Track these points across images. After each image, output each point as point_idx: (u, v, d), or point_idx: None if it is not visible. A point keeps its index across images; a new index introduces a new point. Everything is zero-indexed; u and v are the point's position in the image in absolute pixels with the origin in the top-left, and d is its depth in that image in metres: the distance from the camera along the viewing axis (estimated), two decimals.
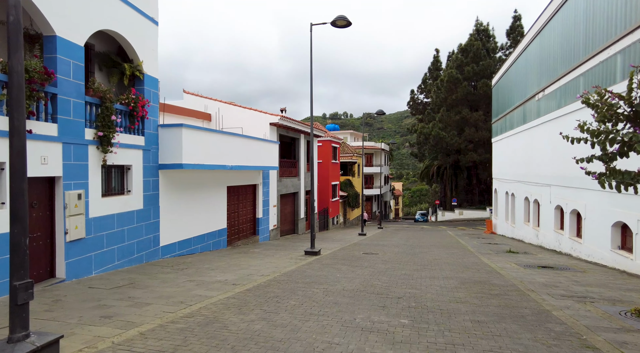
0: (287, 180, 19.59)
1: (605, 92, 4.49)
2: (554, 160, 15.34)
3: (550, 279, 8.43)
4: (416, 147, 54.83)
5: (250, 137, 14.34)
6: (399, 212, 74.63)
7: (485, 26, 48.11)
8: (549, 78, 16.07)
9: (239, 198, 15.19)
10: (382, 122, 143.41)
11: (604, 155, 4.72)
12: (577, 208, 13.09)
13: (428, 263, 10.88)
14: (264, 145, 15.34)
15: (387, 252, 13.82)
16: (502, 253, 13.82)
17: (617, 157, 4.59)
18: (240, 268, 9.32)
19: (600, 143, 4.55)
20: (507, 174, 23.92)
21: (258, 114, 17.59)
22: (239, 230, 15.29)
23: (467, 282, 8.06)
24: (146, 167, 10.01)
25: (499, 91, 26.82)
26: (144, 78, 9.96)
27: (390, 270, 9.45)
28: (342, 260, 11.14)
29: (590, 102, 4.63)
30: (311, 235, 12.47)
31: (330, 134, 29.25)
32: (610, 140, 4.43)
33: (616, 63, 10.56)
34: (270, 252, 13.04)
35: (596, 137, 4.56)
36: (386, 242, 18.39)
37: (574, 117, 13.23)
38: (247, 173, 15.40)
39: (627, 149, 4.35)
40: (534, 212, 18.18)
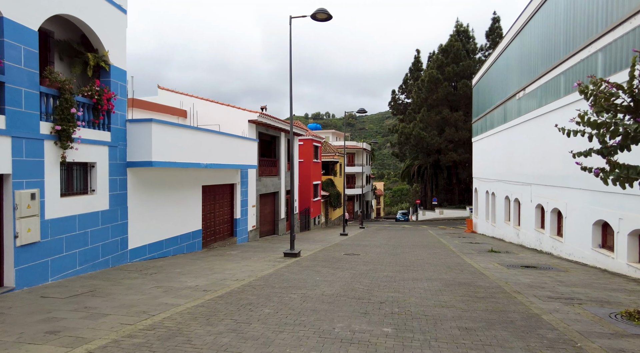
0: (267, 180, 19.05)
1: (601, 82, 4.19)
2: (535, 158, 15.34)
3: (535, 280, 8.23)
4: (397, 147, 55.04)
5: (227, 134, 13.75)
6: (380, 211, 74.87)
7: (465, 27, 48.67)
8: (529, 77, 16.08)
9: (215, 198, 14.57)
10: (364, 122, 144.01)
11: (603, 148, 4.41)
12: (557, 207, 13.06)
13: (410, 264, 10.57)
14: (241, 143, 14.76)
15: (368, 252, 13.48)
16: (484, 253, 13.69)
17: (618, 151, 4.28)
18: (214, 273, 8.77)
19: (600, 135, 4.24)
20: (487, 173, 24.02)
21: (236, 111, 16.99)
22: (216, 232, 14.67)
23: (451, 283, 7.76)
24: (113, 165, 9.33)
25: (479, 91, 26.96)
26: (110, 69, 9.27)
27: (372, 272, 9.08)
28: (323, 262, 10.72)
29: (588, 91, 4.30)
30: (291, 236, 12.01)
31: (311, 133, 28.81)
32: (612, 132, 4.12)
33: (597, 61, 10.51)
34: (247, 254, 12.50)
35: (597, 129, 4.24)
36: (368, 242, 18.09)
37: (555, 115, 13.21)
38: (224, 172, 14.79)
39: (631, 141, 4.03)
40: (515, 211, 18.22)
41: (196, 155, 11.62)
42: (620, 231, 9.30)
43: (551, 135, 13.68)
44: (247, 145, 15.27)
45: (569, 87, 12.18)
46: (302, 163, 27.48)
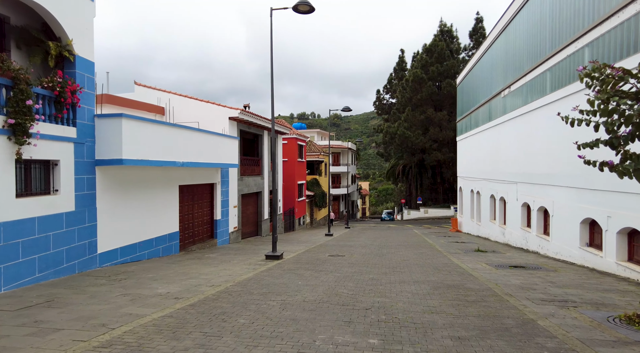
0: (250, 179, 18.46)
1: (605, 67, 3.83)
2: (521, 156, 15.21)
3: (525, 281, 7.94)
4: (382, 146, 54.99)
5: (206, 131, 13.14)
6: (366, 211, 74.83)
7: (449, 27, 48.91)
8: (515, 74, 15.96)
9: (194, 198, 13.93)
10: (349, 122, 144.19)
11: (613, 138, 4.05)
12: (544, 205, 12.91)
13: (397, 265, 10.20)
14: (222, 141, 14.16)
15: (354, 253, 13.07)
16: (471, 253, 13.44)
17: (629, 141, 3.92)
18: (189, 278, 8.19)
19: (609, 124, 3.87)
20: (472, 172, 23.96)
21: (217, 108, 16.36)
22: (194, 234, 14.03)
23: (440, 286, 7.39)
24: (79, 163, 8.66)
25: (463, 90, 26.92)
26: (76, 60, 8.59)
27: (357, 275, 8.66)
28: (306, 265, 10.24)
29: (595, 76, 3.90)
30: (273, 237, 11.49)
31: (296, 132, 28.29)
32: (626, 119, 3.75)
33: (584, 56, 10.34)
34: (227, 257, 11.92)
35: (609, 116, 3.87)
36: (353, 242, 17.70)
37: (541, 112, 13.06)
38: (203, 171, 14.17)
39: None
40: (500, 209, 18.11)
41: (172, 153, 11.00)
42: (609, 229, 9.12)
43: (537, 133, 13.54)
44: (228, 143, 14.68)
45: (555, 83, 12.03)
46: (287, 162, 26.94)
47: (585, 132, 4.86)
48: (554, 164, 12.09)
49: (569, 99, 11.07)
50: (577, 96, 10.51)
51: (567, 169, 11.18)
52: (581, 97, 10.34)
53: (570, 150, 11.32)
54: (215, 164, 13.58)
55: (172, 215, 12.41)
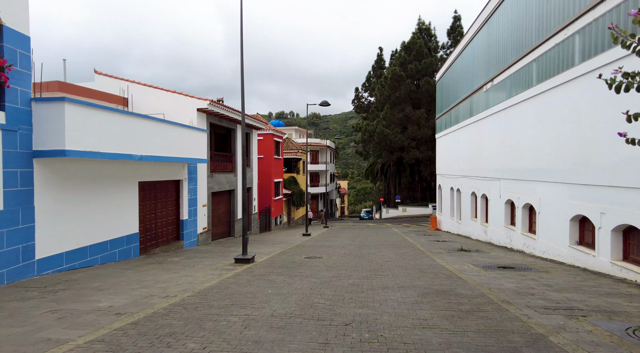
0: (221, 176, 17.27)
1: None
2: (504, 152, 14.70)
3: (519, 284, 7.22)
4: (361, 145, 54.46)
5: (170, 121, 11.92)
6: (345, 210, 74.32)
7: (427, 25, 48.80)
8: (498, 67, 15.45)
9: (156, 196, 12.68)
10: (327, 122, 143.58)
11: None
12: (529, 202, 12.38)
13: (378, 268, 9.35)
14: (188, 133, 12.96)
15: (332, 254, 12.17)
16: (454, 252, 12.79)
17: None
18: (142, 287, 7.07)
19: None
20: (452, 169, 23.52)
21: (184, 99, 15.11)
22: (158, 235, 12.78)
23: (428, 292, 6.57)
24: (10, 154, 7.37)
25: (443, 86, 26.50)
26: (3, 31, 7.29)
27: (335, 280, 7.74)
28: (279, 269, 9.25)
29: None
30: (243, 239, 10.43)
31: (272, 128, 27.19)
32: None
33: (574, 44, 9.78)
34: (193, 260, 10.79)
35: None
36: (332, 242, 16.82)
37: (527, 105, 12.52)
38: (167, 166, 12.93)
39: None
40: (482, 207, 17.63)
41: (129, 145, 9.77)
42: (603, 227, 8.55)
43: (523, 127, 13.01)
44: (195, 136, 13.48)
45: (543, 74, 11.49)
46: (262, 159, 25.80)
47: (581, 122, 4.07)
48: (541, 158, 11.56)
49: (558, 90, 10.52)
50: (569, 86, 9.96)
51: (556, 164, 10.64)
52: (573, 86, 9.79)
53: (560, 144, 10.81)
54: (180, 159, 12.38)
55: (131, 215, 11.15)
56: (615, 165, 8.11)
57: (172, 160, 11.87)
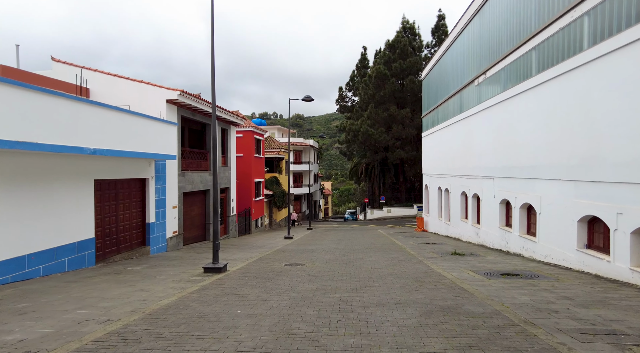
0: (194, 175, 15.84)
1: None
2: (499, 148, 13.80)
3: (534, 297, 6.18)
4: (345, 145, 53.51)
5: (132, 112, 10.49)
6: (328, 211, 73.28)
7: (411, 24, 48.26)
8: (491, 59, 14.56)
9: (117, 196, 11.22)
10: (311, 123, 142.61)
11: None
12: (529, 201, 11.47)
13: (368, 277, 8.20)
14: (154, 126, 11.54)
15: (316, 260, 10.97)
16: (448, 256, 11.78)
17: None
18: (81, 307, 5.70)
19: None
20: (440, 168, 22.66)
21: (152, 89, 13.65)
22: (119, 241, 11.31)
23: (432, 310, 5.44)
24: None
25: (430, 83, 25.68)
26: None
27: (319, 294, 6.54)
28: (254, 280, 7.99)
29: None
30: (213, 245, 9.10)
31: (252, 125, 25.79)
32: None
33: (582, 27, 8.87)
34: (156, 269, 9.40)
35: None
36: (316, 245, 15.61)
37: (526, 97, 11.61)
38: (129, 162, 11.47)
39: None
40: (474, 207, 16.75)
41: (78, 137, 8.34)
42: (619, 228, 7.62)
43: (520, 121, 12.11)
44: (163, 130, 12.06)
45: (544, 63, 10.58)
46: (242, 158, 24.38)
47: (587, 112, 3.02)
48: (542, 154, 10.65)
49: (563, 79, 9.61)
50: (577, 73, 9.04)
51: (560, 160, 9.73)
52: (582, 72, 8.85)
53: (565, 137, 9.88)
54: (144, 154, 10.95)
55: (85, 218, 9.68)
56: (635, 159, 7.19)
57: (134, 155, 10.44)
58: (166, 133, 12.24)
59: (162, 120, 12.03)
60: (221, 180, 18.68)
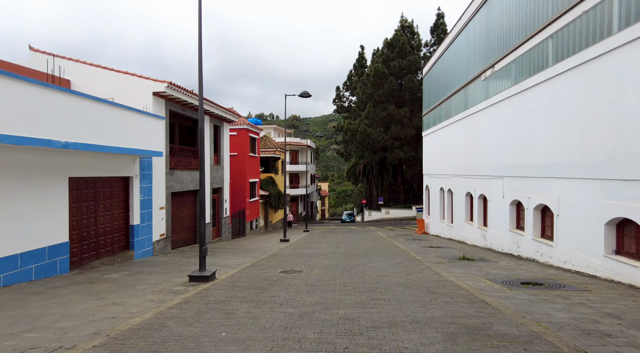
0: (184, 174, 14.85)
1: None
2: (509, 146, 12.94)
3: (572, 313, 5.28)
4: (342, 145, 52.61)
5: (111, 102, 9.50)
6: (325, 212, 72.37)
7: (410, 23, 47.50)
8: (499, 51, 13.72)
9: (97, 196, 10.23)
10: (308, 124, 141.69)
11: None
12: (544, 202, 10.60)
13: (374, 286, 7.28)
14: (138, 120, 10.57)
15: (314, 266, 10.04)
16: (456, 262, 10.88)
17: None
18: (31, 329, 4.73)
19: None
20: (442, 168, 21.81)
21: (137, 80, 12.67)
22: (98, 245, 10.31)
23: (457, 332, 4.52)
24: None
25: (431, 80, 24.85)
26: None
27: (320, 309, 5.61)
28: (245, 291, 7.04)
29: None
30: (200, 251, 8.14)
31: (247, 122, 24.82)
32: None
33: (611, 9, 8.01)
34: (136, 277, 8.42)
35: None
36: (313, 249, 14.68)
37: (540, 90, 10.76)
38: (109, 158, 10.48)
39: None
40: (480, 209, 15.88)
41: (47, 128, 7.37)
42: None
43: (534, 116, 11.25)
44: (148, 124, 11.08)
45: (563, 51, 9.73)
46: (236, 157, 23.41)
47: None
48: (560, 150, 9.79)
49: (585, 67, 8.75)
50: (603, 60, 8.18)
51: (583, 156, 8.86)
52: (611, 58, 7.94)
53: (589, 131, 8.90)
54: (126, 150, 9.96)
55: (58, 220, 8.69)
56: None
57: (114, 150, 9.46)
58: (151, 127, 11.26)
59: (147, 113, 11.05)
60: (213, 179, 17.70)
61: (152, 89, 12.54)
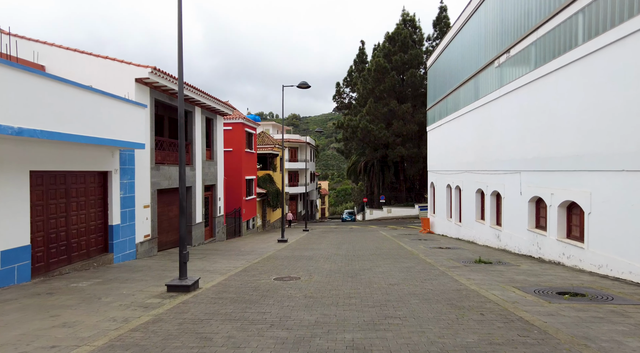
0: (172, 169, 13.67)
1: None
2: (527, 137, 11.76)
3: None
4: (343, 143, 51.42)
5: (81, 85, 8.29)
6: (325, 211, 71.23)
7: (411, 16, 46.26)
8: (517, 34, 12.52)
9: (68, 193, 9.04)
10: (307, 123, 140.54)
11: None
12: (572, 199, 9.42)
13: (385, 300, 6.11)
14: (115, 107, 9.37)
15: (313, 272, 8.87)
16: (473, 265, 9.72)
17: None
18: None
19: None
20: (449, 164, 20.62)
21: (117, 66, 11.48)
22: (70, 248, 9.12)
23: None
24: None
25: (436, 72, 23.65)
26: None
27: (321, 335, 4.44)
28: (231, 304, 5.87)
29: None
30: (180, 256, 6.95)
31: (242, 116, 23.61)
32: None
33: None
34: (107, 286, 7.25)
35: None
36: (313, 251, 13.51)
37: (568, 72, 9.56)
38: (82, 150, 9.29)
39: None
40: (492, 207, 14.70)
41: None
42: None
43: (558, 101, 10.07)
44: (128, 112, 9.89)
45: (596, 27, 8.53)
46: (231, 153, 22.21)
47: None
48: (593, 140, 8.61)
49: (628, 41, 7.56)
50: None
51: (623, 145, 7.68)
52: None
53: (636, 115, 7.65)
54: (100, 140, 8.76)
55: (14, 220, 7.51)
56: None
57: (85, 140, 8.26)
58: (131, 116, 10.06)
59: (125, 100, 9.85)
60: (206, 176, 16.51)
61: (135, 74, 11.35)
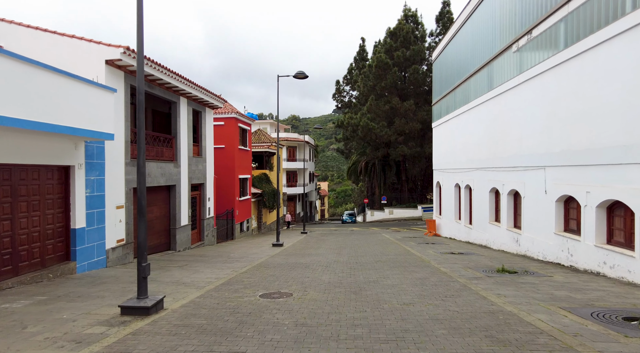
0: (152, 166, 12.19)
1: None
2: (554, 128, 10.32)
3: None
4: (343, 142, 49.94)
5: (26, 58, 6.80)
6: (325, 213, 69.73)
7: (413, 12, 44.86)
8: (540, 12, 11.08)
9: (16, 191, 7.56)
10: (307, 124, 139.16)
11: None
12: (616, 198, 7.96)
13: (401, 329, 4.65)
14: (75, 88, 7.88)
15: (309, 285, 7.40)
16: (496, 276, 8.27)
17: None
18: None
19: None
20: (457, 161, 19.17)
21: (85, 45, 10.02)
22: (18, 257, 7.64)
23: None
24: None
25: (442, 65, 22.22)
26: None
27: None
28: (197, 336, 4.39)
29: None
30: (138, 270, 5.47)
31: (236, 110, 22.14)
32: None
33: None
34: (49, 306, 5.77)
35: None
36: (310, 257, 12.04)
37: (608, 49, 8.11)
38: (36, 140, 7.79)
39: None
40: (510, 207, 13.24)
41: None
42: None
43: (597, 83, 8.62)
44: (94, 96, 8.41)
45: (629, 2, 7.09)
46: (223, 149, 20.73)
47: None
48: None
49: None
50: None
51: None
52: None
53: None
54: (53, 127, 7.26)
55: None
56: None
57: (34, 126, 6.77)
58: (98, 101, 8.57)
59: (90, 82, 8.37)
60: (193, 174, 15.04)
61: (105, 56, 9.89)
